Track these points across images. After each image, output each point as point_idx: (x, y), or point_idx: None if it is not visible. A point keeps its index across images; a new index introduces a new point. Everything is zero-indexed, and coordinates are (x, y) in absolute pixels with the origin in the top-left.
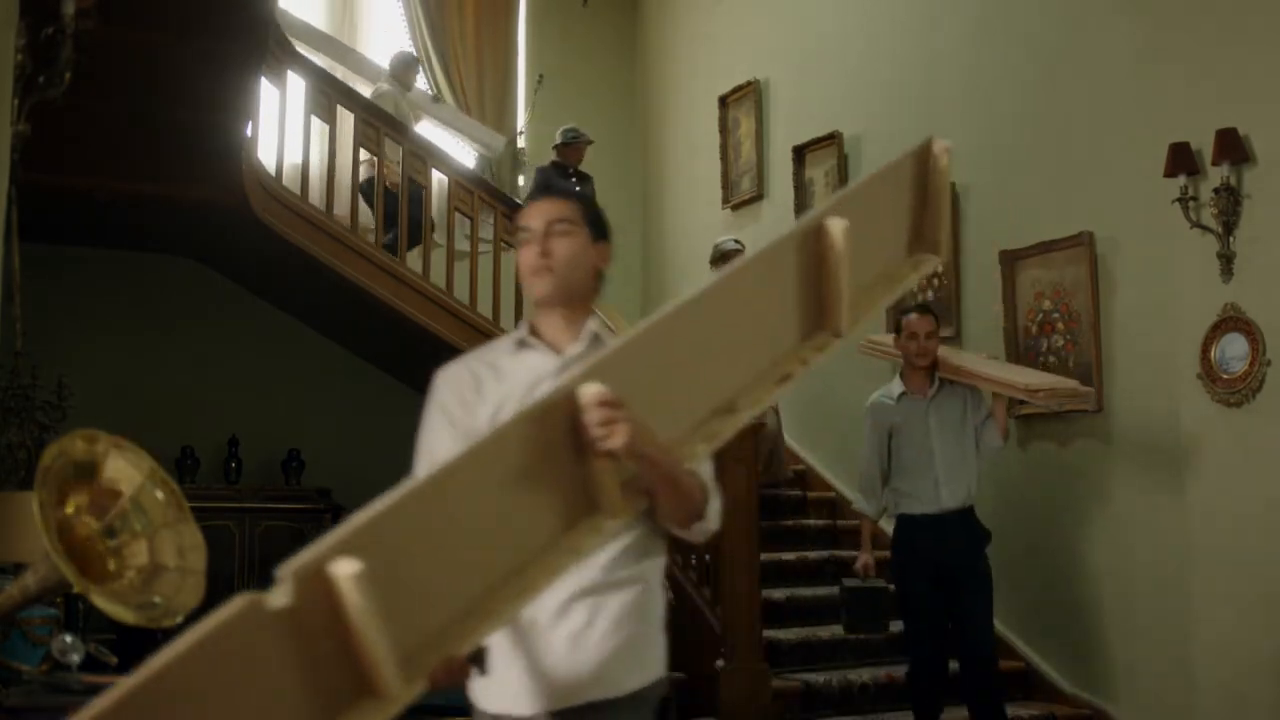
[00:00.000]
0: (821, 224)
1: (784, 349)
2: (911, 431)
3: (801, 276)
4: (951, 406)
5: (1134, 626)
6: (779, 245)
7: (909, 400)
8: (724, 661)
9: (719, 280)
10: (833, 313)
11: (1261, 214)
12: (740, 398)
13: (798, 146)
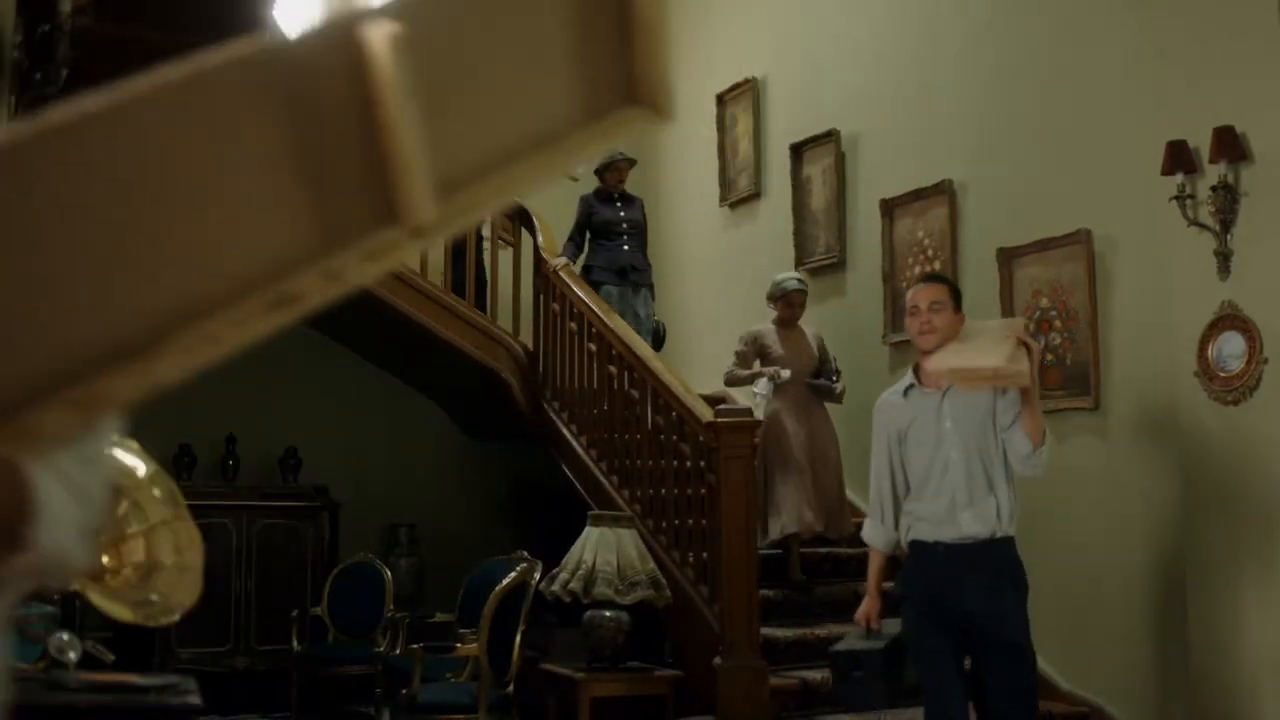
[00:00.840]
0: (354, 33)
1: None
2: (922, 435)
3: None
4: (973, 403)
5: (1131, 624)
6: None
7: (919, 395)
8: (722, 659)
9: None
10: (398, 193)
11: (1259, 212)
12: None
13: (795, 144)
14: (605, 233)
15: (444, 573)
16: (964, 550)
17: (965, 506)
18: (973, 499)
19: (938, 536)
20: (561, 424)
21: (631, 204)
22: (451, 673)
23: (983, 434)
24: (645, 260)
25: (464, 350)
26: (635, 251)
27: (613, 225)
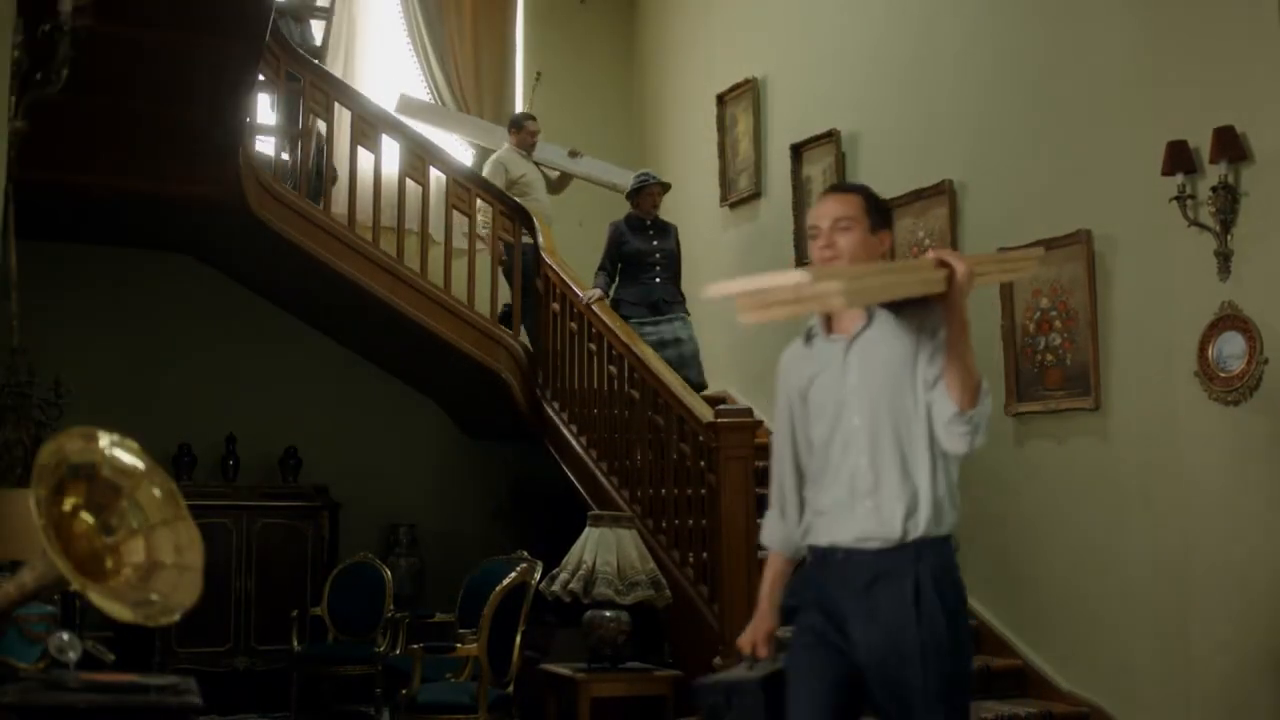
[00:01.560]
0: None
1: None
2: (823, 396)
3: None
4: (890, 352)
5: (1132, 624)
6: None
7: (823, 343)
8: (722, 659)
9: None
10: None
11: (1259, 212)
12: None
13: (795, 144)
14: (636, 263)
15: (444, 573)
16: (864, 560)
17: (867, 495)
18: (878, 484)
19: (834, 538)
20: (561, 424)
21: (665, 232)
22: (451, 673)
23: (897, 393)
24: (678, 292)
25: (464, 350)
26: (667, 283)
27: (644, 256)
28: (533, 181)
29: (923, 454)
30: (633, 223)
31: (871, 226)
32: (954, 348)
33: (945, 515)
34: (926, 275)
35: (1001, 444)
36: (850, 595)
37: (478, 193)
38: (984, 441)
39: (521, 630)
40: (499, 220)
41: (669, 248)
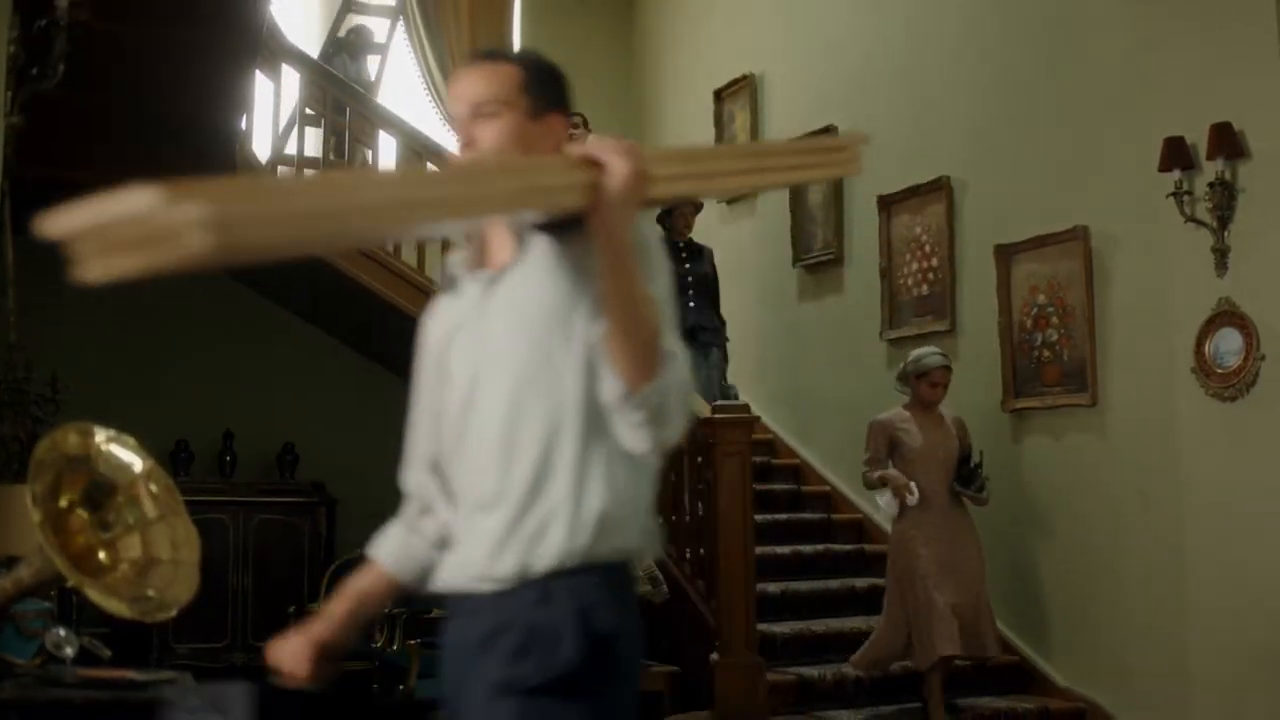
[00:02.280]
0: None
1: None
2: (459, 363)
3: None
4: (542, 296)
5: (1129, 621)
6: None
7: (469, 286)
8: (718, 655)
9: None
10: None
11: (1256, 209)
12: None
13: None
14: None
15: None
16: (482, 611)
17: (488, 508)
18: (501, 495)
19: (451, 575)
20: None
21: (699, 256)
22: None
23: (546, 360)
24: (716, 318)
25: None
26: (702, 309)
27: (677, 281)
28: None
29: (573, 450)
30: (665, 246)
31: (532, 109)
32: (611, 295)
33: (615, 537)
34: (558, 180)
35: (999, 440)
36: (463, 666)
37: None
38: (679, 433)
39: None
40: None
41: (704, 271)
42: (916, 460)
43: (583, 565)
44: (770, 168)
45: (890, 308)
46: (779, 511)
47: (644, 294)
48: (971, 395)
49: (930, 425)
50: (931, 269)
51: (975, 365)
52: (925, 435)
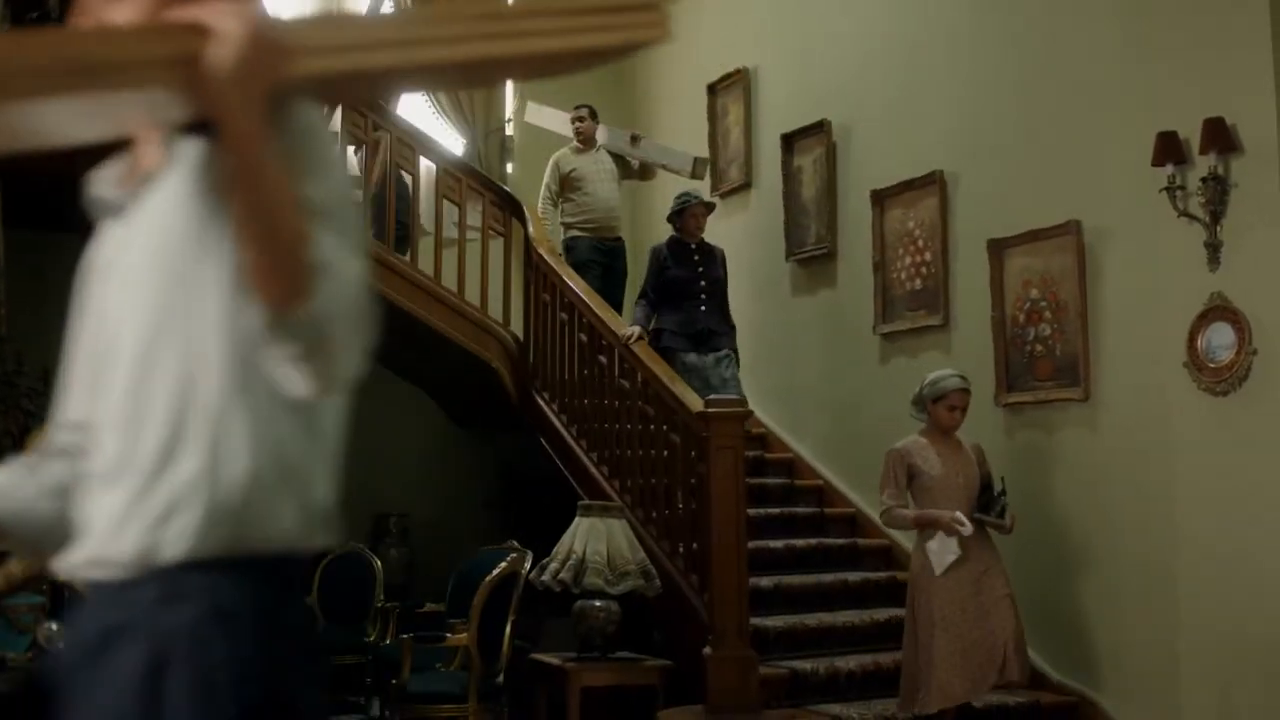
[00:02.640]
0: None
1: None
2: (94, 293)
3: None
4: (178, 213)
5: (1121, 614)
6: None
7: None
8: (711, 649)
9: None
10: None
11: (1249, 203)
12: None
13: (786, 135)
14: (679, 292)
15: (434, 562)
16: (99, 604)
17: (112, 480)
18: (129, 461)
19: (69, 558)
20: (551, 414)
21: (711, 257)
22: (441, 662)
23: (183, 292)
24: (726, 322)
25: (454, 340)
26: (713, 312)
27: (688, 284)
28: (586, 175)
29: (215, 405)
30: (675, 247)
31: None
32: (234, 197)
33: (268, 521)
34: (138, 53)
35: (991, 435)
36: (73, 671)
37: (468, 182)
38: (354, 366)
39: (512, 620)
40: (489, 211)
41: (716, 274)
42: (936, 490)
43: (232, 556)
44: (520, 32)
45: (883, 302)
46: (772, 505)
47: (280, 194)
48: None
49: (949, 452)
50: (924, 263)
51: (968, 360)
52: (944, 463)
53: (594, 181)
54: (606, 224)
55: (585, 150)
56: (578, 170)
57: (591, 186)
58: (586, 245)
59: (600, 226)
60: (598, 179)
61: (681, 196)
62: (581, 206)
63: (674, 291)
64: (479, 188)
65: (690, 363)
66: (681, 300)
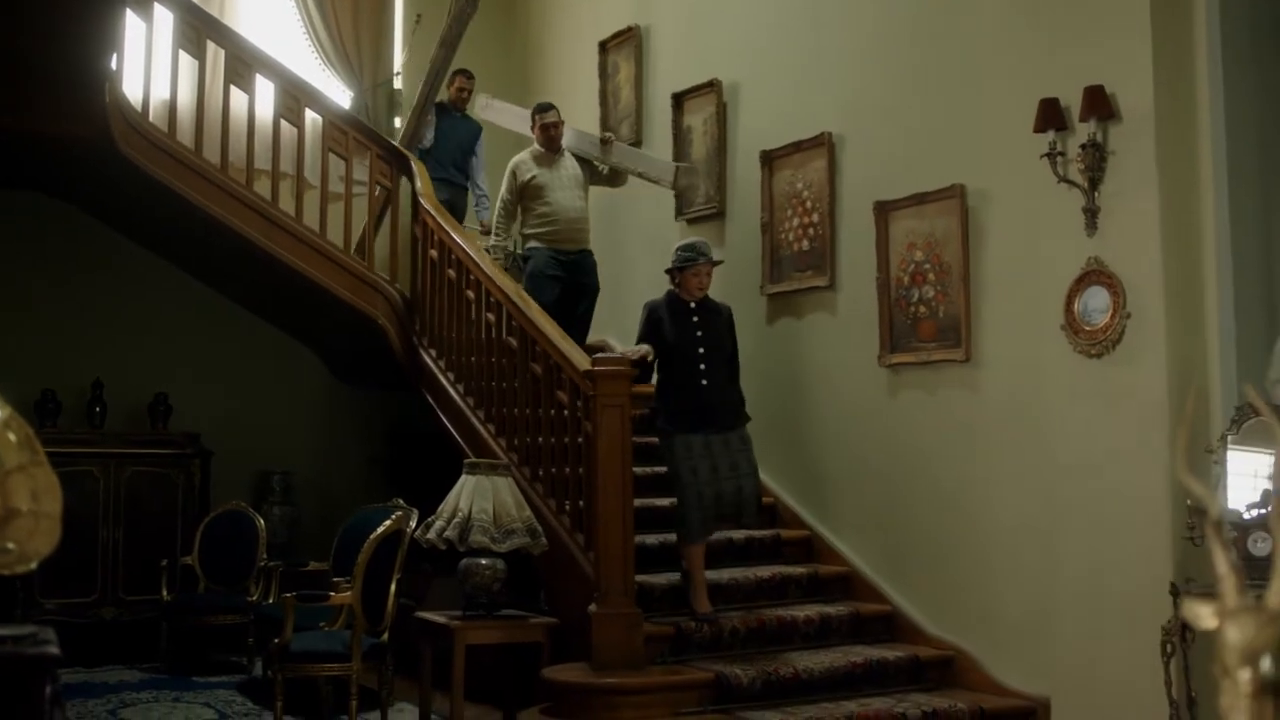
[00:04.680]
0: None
1: None
2: None
3: None
4: None
5: (997, 571)
6: None
7: None
8: (597, 606)
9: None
10: None
11: (1125, 170)
12: None
13: (677, 93)
14: (679, 359)
15: (319, 521)
16: None
17: None
18: None
19: None
20: (439, 371)
21: (714, 317)
22: (325, 621)
23: None
24: (734, 393)
25: (339, 296)
26: (716, 384)
27: (687, 349)
28: (548, 184)
29: None
30: (674, 305)
31: None
32: None
33: None
34: None
35: (874, 394)
36: None
37: (355, 135)
38: None
39: (397, 578)
40: (376, 165)
41: (719, 338)
42: None
43: None
44: None
45: (771, 262)
46: (659, 464)
47: None
48: (849, 350)
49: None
50: (812, 224)
51: (853, 320)
52: None
53: (557, 189)
54: (570, 234)
55: (548, 155)
56: (539, 178)
57: (554, 195)
58: (545, 256)
59: (563, 237)
60: (561, 186)
61: (685, 251)
62: (543, 216)
63: (671, 359)
64: (366, 141)
65: (696, 448)
66: (679, 370)
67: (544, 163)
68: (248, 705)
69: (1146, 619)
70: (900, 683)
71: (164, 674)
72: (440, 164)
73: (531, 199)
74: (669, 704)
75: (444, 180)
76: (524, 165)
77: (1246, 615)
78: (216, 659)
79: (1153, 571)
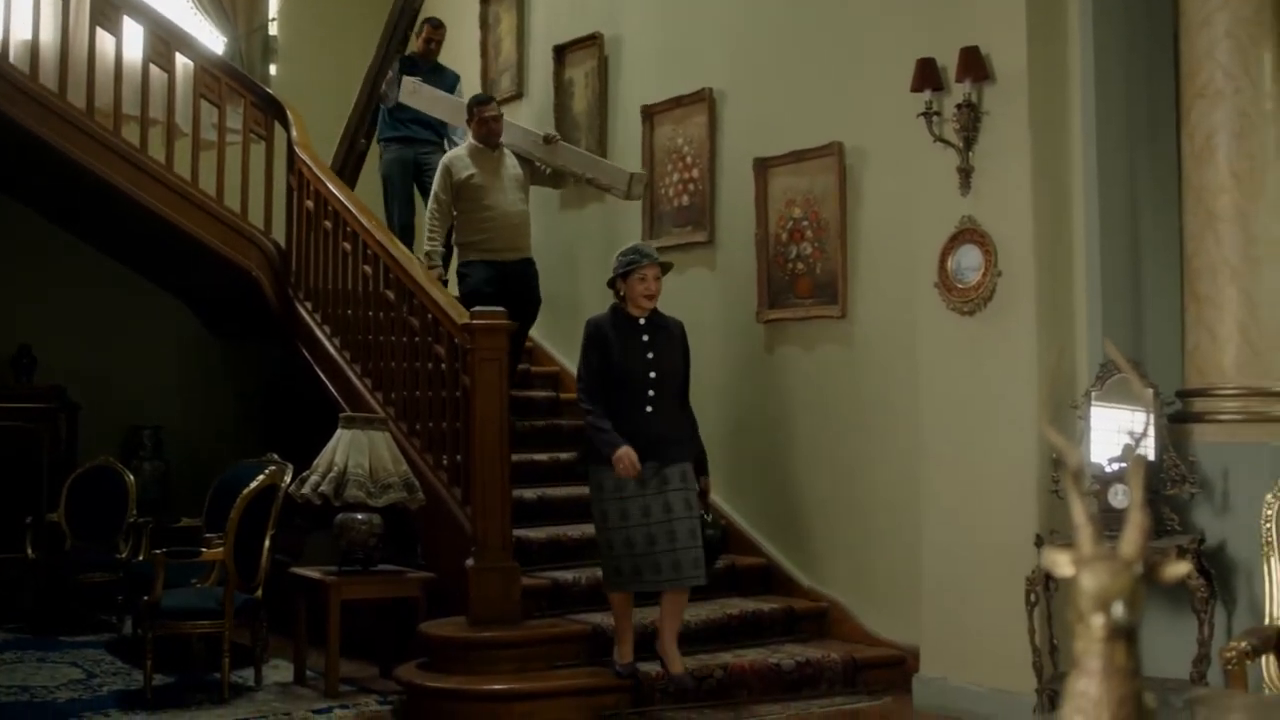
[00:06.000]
0: None
1: None
2: None
3: None
4: None
5: (870, 523)
6: None
7: None
8: (474, 560)
9: None
10: None
11: (999, 131)
12: None
13: (558, 46)
14: (623, 385)
15: (191, 476)
16: None
17: None
18: None
19: None
20: (314, 324)
21: (665, 336)
22: (197, 578)
23: None
24: (684, 424)
25: (211, 246)
26: (665, 413)
27: (632, 375)
28: (487, 185)
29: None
30: (621, 322)
31: None
32: None
33: None
34: None
35: (752, 350)
36: None
37: (228, 82)
38: None
39: (271, 534)
40: (250, 113)
41: (671, 360)
42: None
43: None
44: None
45: (651, 217)
46: (537, 418)
47: None
48: (727, 306)
49: None
50: (692, 180)
51: (732, 277)
52: None
53: (496, 191)
54: (511, 241)
55: (486, 151)
56: (477, 178)
57: (494, 197)
58: (482, 273)
59: (502, 244)
60: (501, 188)
61: (627, 255)
62: (479, 224)
63: (613, 385)
64: (239, 88)
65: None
66: (623, 396)
67: (482, 160)
68: (117, 664)
69: (1013, 570)
70: (775, 634)
71: (29, 634)
72: (400, 121)
73: (468, 201)
74: (546, 657)
75: (398, 139)
76: (460, 163)
77: (1101, 563)
78: (85, 618)
79: (1020, 524)
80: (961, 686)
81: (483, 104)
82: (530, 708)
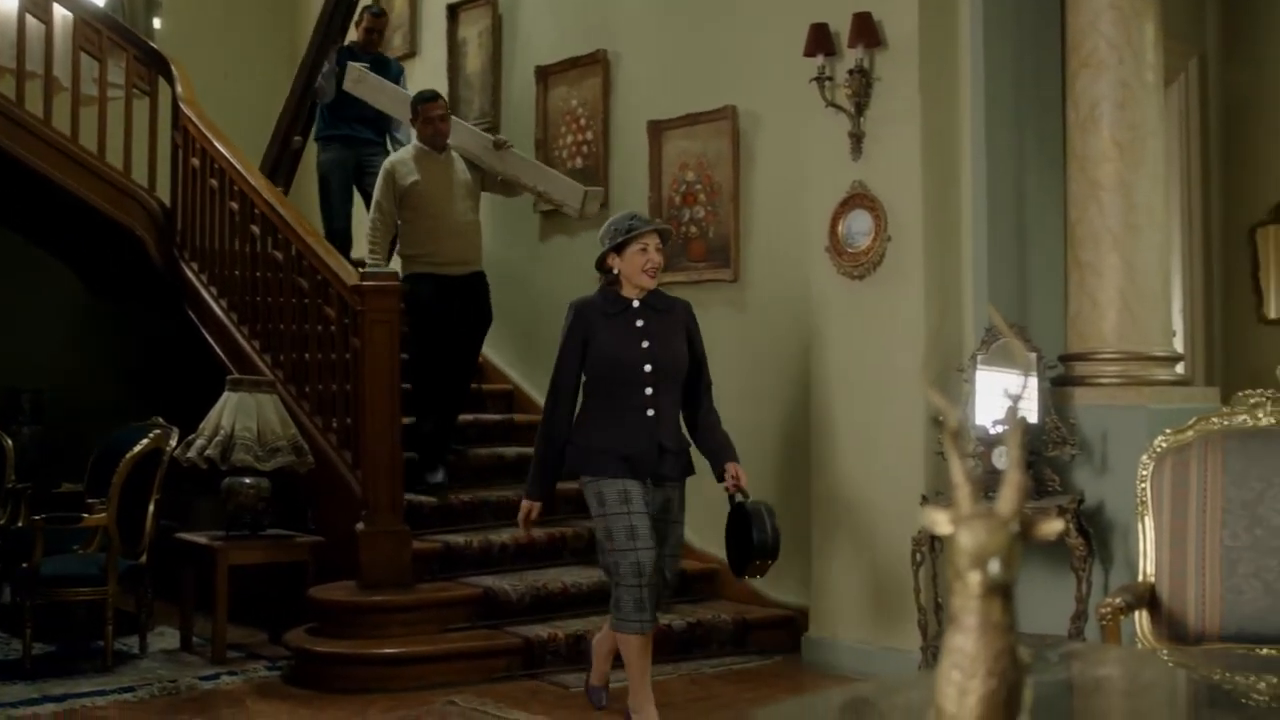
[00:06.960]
0: None
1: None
2: None
3: None
4: None
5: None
6: None
7: None
8: (364, 524)
9: None
10: None
11: (889, 96)
12: None
13: (452, 4)
14: (612, 378)
15: (73, 441)
16: None
17: None
18: None
19: None
20: (200, 285)
21: (667, 319)
22: (79, 545)
23: None
24: (678, 439)
25: (93, 205)
26: (666, 417)
27: (625, 369)
28: (433, 192)
29: None
30: (611, 305)
31: None
32: None
33: None
34: None
35: None
36: None
37: (109, 35)
38: None
39: (155, 499)
40: (133, 68)
41: (674, 350)
42: None
43: None
44: None
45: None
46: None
47: None
48: None
49: None
50: (586, 142)
51: None
52: None
53: (444, 199)
54: (460, 253)
55: (432, 154)
56: (421, 184)
57: (441, 206)
58: (430, 288)
59: (450, 257)
60: (450, 195)
61: (622, 222)
62: (426, 234)
63: (605, 378)
64: (121, 42)
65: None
66: (616, 395)
67: (429, 165)
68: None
69: (900, 531)
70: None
71: None
72: (341, 119)
73: (413, 210)
74: (437, 620)
75: (338, 138)
76: (404, 167)
77: (978, 521)
78: None
79: (908, 485)
80: (850, 645)
81: (428, 102)
82: (421, 671)
